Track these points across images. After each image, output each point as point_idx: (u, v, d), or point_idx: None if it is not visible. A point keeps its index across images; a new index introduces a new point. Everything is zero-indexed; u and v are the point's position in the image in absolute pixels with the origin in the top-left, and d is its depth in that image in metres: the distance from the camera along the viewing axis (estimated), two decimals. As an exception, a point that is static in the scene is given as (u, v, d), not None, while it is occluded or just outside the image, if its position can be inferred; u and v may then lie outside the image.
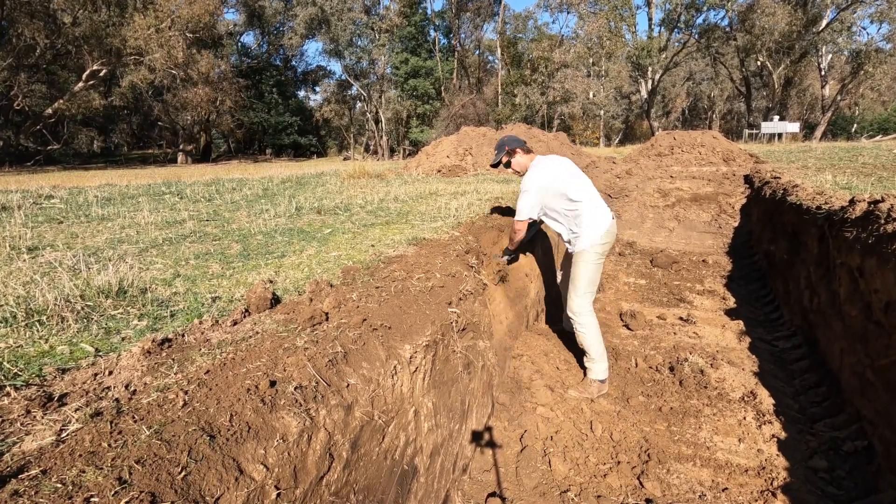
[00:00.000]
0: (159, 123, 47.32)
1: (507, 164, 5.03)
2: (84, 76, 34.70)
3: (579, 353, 5.00)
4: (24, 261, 3.61)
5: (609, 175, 14.01)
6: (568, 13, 51.22)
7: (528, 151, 5.02)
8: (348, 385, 2.22)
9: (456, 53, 55.36)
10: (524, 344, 5.27)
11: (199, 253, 4.20)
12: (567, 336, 5.56)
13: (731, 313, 6.42)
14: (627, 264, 8.77)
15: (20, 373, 1.98)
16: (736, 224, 10.67)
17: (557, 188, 4.71)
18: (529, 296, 5.77)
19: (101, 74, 36.11)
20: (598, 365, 4.75)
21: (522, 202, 4.79)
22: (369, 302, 2.95)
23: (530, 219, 4.87)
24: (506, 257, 5.15)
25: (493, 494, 3.49)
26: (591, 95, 45.52)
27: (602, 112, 48.01)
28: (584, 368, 4.90)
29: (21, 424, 1.60)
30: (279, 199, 7.78)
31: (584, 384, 4.80)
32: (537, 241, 6.28)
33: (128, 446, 1.53)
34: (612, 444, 4.00)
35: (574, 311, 4.81)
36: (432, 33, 53.68)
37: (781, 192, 7.54)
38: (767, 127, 33.10)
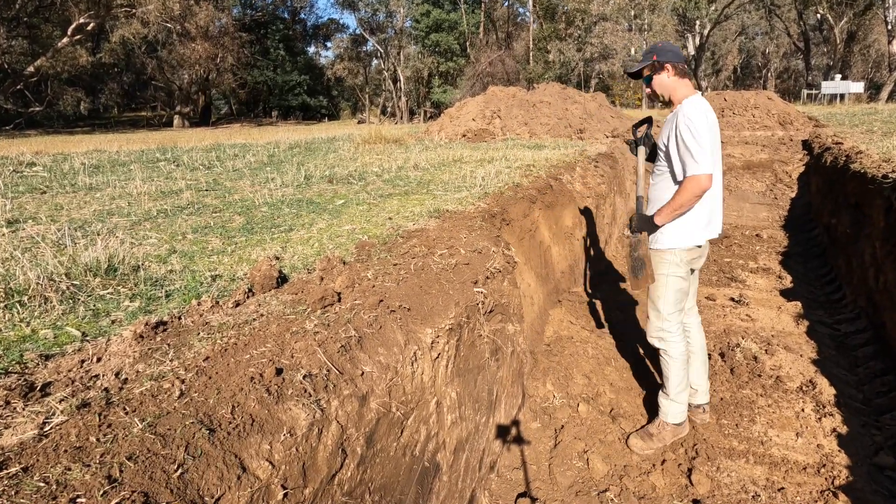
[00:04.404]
0: (153, 83, 47.61)
1: (648, 80, 3.82)
2: (69, 30, 34.87)
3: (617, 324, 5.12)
4: (4, 235, 3.63)
5: (651, 140, 13.91)
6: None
7: (683, 75, 3.76)
8: (363, 373, 2.20)
9: (483, 5, 54.58)
10: (557, 324, 5.22)
11: (197, 226, 4.20)
12: (606, 309, 5.70)
13: (787, 293, 6.35)
14: (671, 239, 8.67)
15: (-1, 359, 1.97)
16: (793, 195, 10.56)
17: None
18: (559, 267, 5.72)
19: (89, 28, 36.31)
20: (675, 406, 3.84)
21: (698, 145, 3.43)
22: (386, 281, 2.93)
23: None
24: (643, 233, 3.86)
25: (523, 494, 3.47)
26: (632, 52, 44.87)
27: (644, 70, 47.27)
28: (657, 405, 3.97)
29: None
30: (286, 166, 7.78)
31: (652, 429, 3.91)
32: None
33: (118, 441, 1.51)
34: (656, 439, 3.95)
35: (652, 335, 3.91)
36: (457, -18, 53.12)
37: (844, 159, 7.47)
38: (828, 87, 32.68)
